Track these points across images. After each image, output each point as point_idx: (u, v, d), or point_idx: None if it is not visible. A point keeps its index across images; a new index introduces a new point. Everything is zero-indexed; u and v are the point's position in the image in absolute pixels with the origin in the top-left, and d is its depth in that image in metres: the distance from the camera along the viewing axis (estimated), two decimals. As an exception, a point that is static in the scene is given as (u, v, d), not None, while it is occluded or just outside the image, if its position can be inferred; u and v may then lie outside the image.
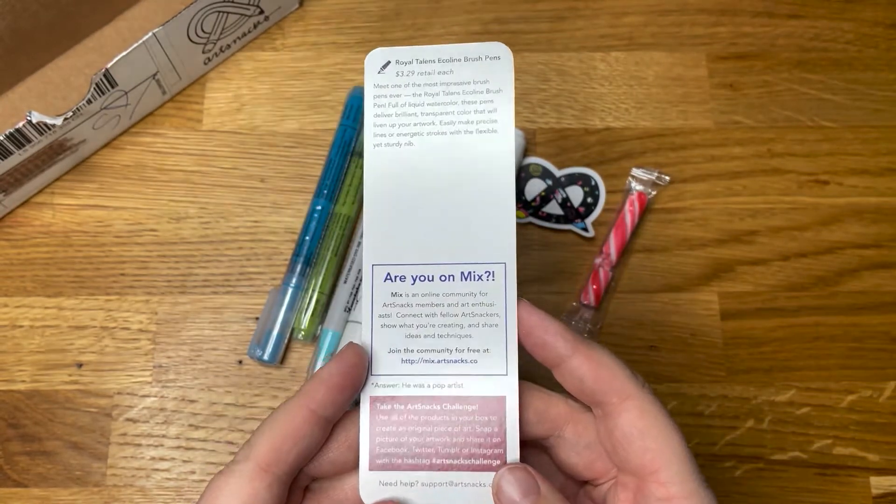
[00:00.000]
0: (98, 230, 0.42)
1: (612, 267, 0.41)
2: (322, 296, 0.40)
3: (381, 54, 0.30)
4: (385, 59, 0.30)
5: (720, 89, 0.46)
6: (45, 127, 0.38)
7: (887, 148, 0.45)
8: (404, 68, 0.30)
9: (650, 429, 0.26)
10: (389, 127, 0.29)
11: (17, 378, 0.40)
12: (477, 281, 0.29)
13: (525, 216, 0.42)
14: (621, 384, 0.27)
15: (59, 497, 0.39)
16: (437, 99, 0.30)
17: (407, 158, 0.29)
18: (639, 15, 0.47)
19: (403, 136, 0.29)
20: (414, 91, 0.30)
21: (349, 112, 0.43)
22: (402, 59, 0.30)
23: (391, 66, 0.30)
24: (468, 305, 0.28)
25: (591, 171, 0.43)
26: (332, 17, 0.46)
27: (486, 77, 0.29)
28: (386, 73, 0.30)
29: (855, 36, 0.47)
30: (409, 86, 0.30)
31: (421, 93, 0.30)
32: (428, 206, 0.29)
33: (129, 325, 0.41)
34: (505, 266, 0.28)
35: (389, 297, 0.29)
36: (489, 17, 0.46)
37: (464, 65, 0.30)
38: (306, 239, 0.41)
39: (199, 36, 0.42)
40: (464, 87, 0.29)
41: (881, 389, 0.41)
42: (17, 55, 0.43)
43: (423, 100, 0.30)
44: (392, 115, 0.29)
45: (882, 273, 0.43)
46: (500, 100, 0.29)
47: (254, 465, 0.25)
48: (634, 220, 0.42)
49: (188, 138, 0.44)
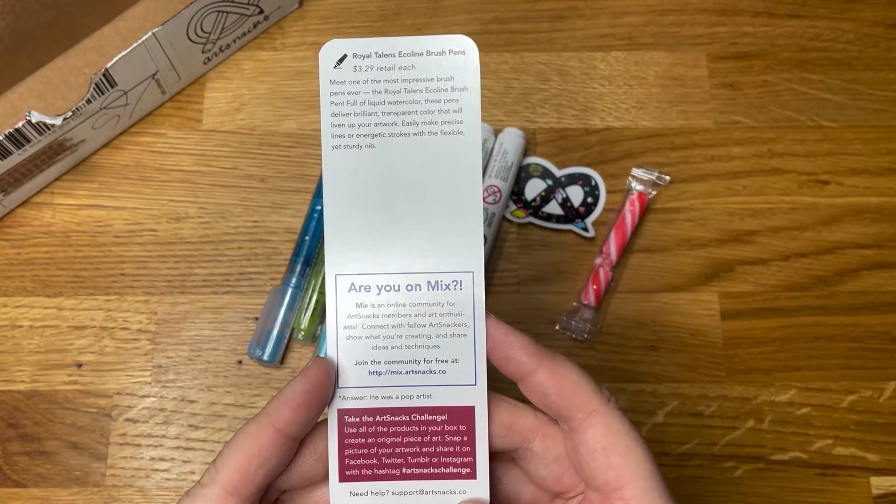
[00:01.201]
0: (98, 230, 0.42)
1: (613, 267, 0.41)
2: (322, 296, 0.40)
3: (336, 46, 0.27)
4: (341, 52, 0.28)
5: (720, 89, 0.46)
6: (44, 127, 0.38)
7: (887, 148, 0.45)
8: (362, 62, 0.27)
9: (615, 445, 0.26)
10: (348, 127, 0.28)
11: (16, 378, 0.40)
12: (444, 290, 0.28)
13: (525, 216, 0.42)
14: (586, 399, 0.26)
15: (59, 497, 0.39)
16: (399, 97, 0.27)
17: (368, 161, 0.27)
18: (639, 15, 0.47)
19: (363, 136, 0.28)
20: (374, 88, 0.28)
21: None
22: (360, 51, 0.27)
23: (348, 59, 0.28)
24: (435, 315, 0.28)
25: (591, 170, 0.43)
26: (332, 17, 0.46)
27: (451, 73, 0.27)
28: (342, 68, 0.28)
29: (855, 36, 0.47)
30: (368, 82, 0.28)
31: (381, 90, 0.28)
32: (391, 213, 0.28)
33: (128, 326, 0.41)
34: (472, 275, 0.28)
35: (354, 307, 0.27)
36: (489, 17, 0.46)
37: (427, 59, 0.27)
38: (306, 239, 0.41)
39: (198, 35, 0.42)
40: (427, 83, 0.27)
41: (881, 389, 0.41)
42: (17, 55, 0.43)
43: (384, 97, 0.28)
44: (350, 115, 0.28)
45: (882, 273, 0.43)
46: (465, 98, 0.27)
47: (220, 489, 0.25)
48: (635, 220, 0.42)
49: (188, 138, 0.44)
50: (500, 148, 0.42)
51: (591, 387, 0.26)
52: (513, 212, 0.42)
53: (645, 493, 0.25)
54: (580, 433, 0.26)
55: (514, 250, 0.43)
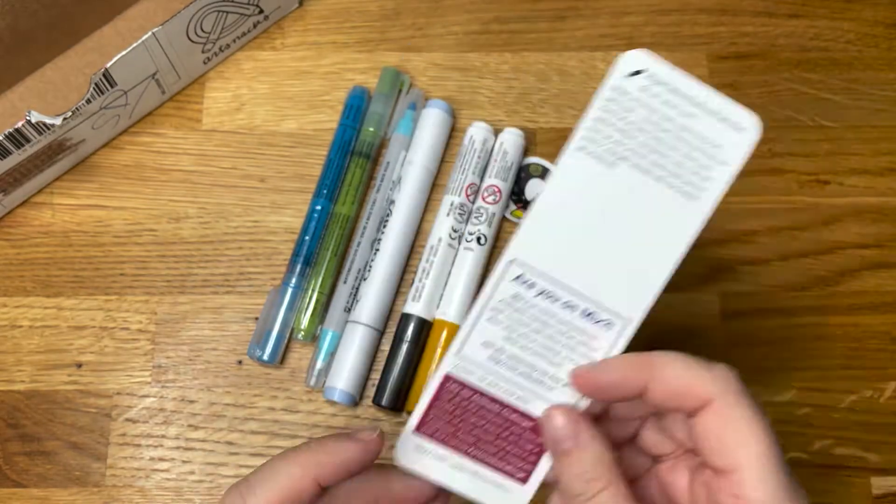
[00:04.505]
0: (97, 230, 0.42)
1: None
2: (322, 296, 0.40)
3: (639, 59, 0.27)
4: (640, 67, 0.27)
5: (721, 89, 0.45)
6: (44, 127, 0.38)
7: (888, 148, 0.45)
8: (652, 87, 0.27)
9: (727, 432, 0.26)
10: (603, 138, 0.27)
11: (16, 378, 0.40)
12: (594, 323, 0.28)
13: (521, 215, 0.42)
14: (699, 392, 0.26)
15: (59, 497, 0.39)
16: (664, 136, 0.27)
17: (602, 176, 0.27)
18: (639, 14, 0.47)
19: (611, 153, 0.27)
20: (648, 115, 0.27)
21: (349, 112, 0.43)
22: (656, 76, 0.27)
23: (641, 77, 0.27)
24: (574, 340, 0.28)
25: None
26: (332, 17, 0.46)
27: (722, 143, 0.27)
28: (632, 82, 0.27)
29: (855, 35, 0.47)
30: (647, 107, 0.27)
31: (654, 121, 0.27)
32: (594, 230, 0.28)
33: (128, 326, 0.41)
34: (626, 323, 0.28)
35: (510, 297, 0.28)
36: (489, 17, 0.46)
37: (710, 118, 0.27)
38: (306, 239, 0.41)
39: (198, 35, 0.42)
40: (695, 138, 0.27)
41: (882, 390, 0.41)
42: (17, 55, 0.43)
43: (651, 129, 0.27)
44: (612, 128, 0.27)
45: (882, 273, 0.43)
46: (720, 172, 0.27)
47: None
48: None
49: (188, 138, 0.44)
50: (499, 148, 0.42)
51: (702, 378, 0.26)
52: (513, 212, 0.42)
53: (759, 479, 0.25)
54: (695, 421, 0.26)
55: (514, 250, 0.43)
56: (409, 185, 0.42)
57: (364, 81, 0.45)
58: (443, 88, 0.45)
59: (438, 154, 0.43)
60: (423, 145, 0.42)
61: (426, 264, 0.40)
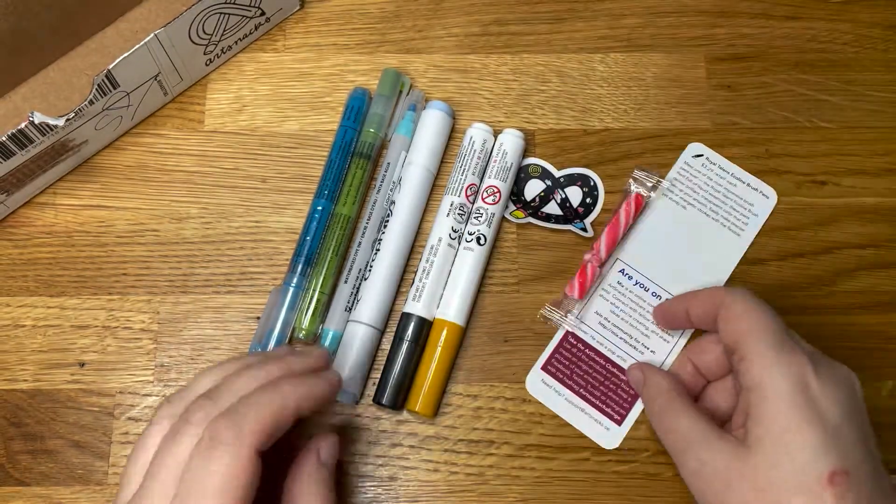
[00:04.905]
0: (100, 230, 0.43)
1: (601, 264, 0.42)
2: (323, 296, 0.41)
3: (700, 149, 0.44)
4: (701, 152, 0.44)
5: (718, 90, 0.46)
6: (47, 128, 0.38)
7: (884, 148, 0.45)
8: (710, 165, 0.44)
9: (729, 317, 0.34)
10: (679, 191, 0.43)
11: (19, 377, 0.40)
12: None
13: (524, 216, 0.43)
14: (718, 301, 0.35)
15: (61, 496, 0.39)
16: (718, 193, 0.43)
17: (677, 213, 0.43)
18: (637, 16, 0.47)
19: (683, 199, 0.43)
20: (706, 181, 0.44)
21: (349, 113, 0.44)
22: (711, 159, 0.44)
23: (702, 158, 0.44)
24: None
25: (589, 171, 0.44)
26: (333, 19, 0.47)
27: (753, 202, 0.43)
28: (696, 161, 0.44)
29: (853, 37, 0.47)
30: (706, 175, 0.44)
31: (711, 185, 0.43)
32: (672, 250, 0.42)
33: (131, 325, 0.41)
34: None
35: (616, 282, 0.42)
36: (489, 19, 0.47)
37: (745, 187, 0.43)
38: (307, 239, 0.41)
39: (200, 37, 0.42)
40: (737, 198, 0.43)
41: (879, 389, 0.42)
42: (20, 56, 0.43)
43: (709, 188, 0.43)
44: (685, 186, 0.43)
45: (879, 273, 0.43)
46: (753, 220, 0.43)
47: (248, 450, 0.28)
48: (629, 222, 0.42)
49: (190, 139, 0.44)
50: (499, 149, 0.43)
51: (720, 291, 0.36)
52: (512, 212, 0.43)
53: (756, 345, 0.33)
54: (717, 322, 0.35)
55: (514, 250, 0.43)
56: (409, 185, 0.42)
57: (365, 83, 0.45)
58: (442, 90, 0.45)
59: (439, 155, 0.43)
60: (423, 146, 0.43)
61: (426, 264, 0.41)
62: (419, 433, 0.40)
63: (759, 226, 0.43)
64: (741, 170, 0.43)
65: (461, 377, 0.41)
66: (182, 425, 0.29)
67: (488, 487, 0.39)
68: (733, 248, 0.42)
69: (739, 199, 0.43)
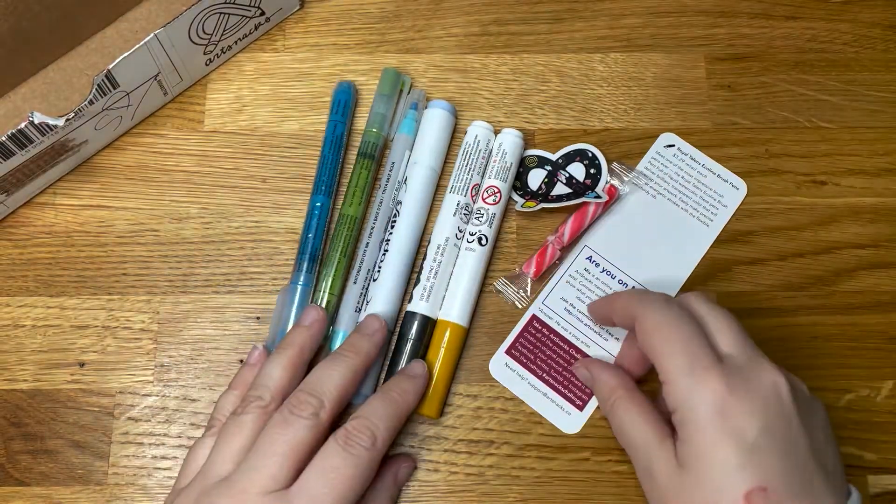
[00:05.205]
0: (100, 230, 0.43)
1: (562, 247, 0.42)
2: (332, 297, 0.41)
3: (672, 139, 0.44)
4: (672, 142, 0.44)
5: (718, 90, 0.46)
6: (47, 128, 0.38)
7: (884, 148, 0.45)
8: (682, 156, 0.44)
9: (647, 340, 0.34)
10: (649, 179, 0.43)
11: (19, 377, 0.40)
12: None
13: (536, 205, 0.42)
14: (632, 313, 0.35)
15: (61, 495, 0.39)
16: (688, 184, 0.43)
17: (647, 204, 0.43)
18: (637, 16, 0.47)
19: (653, 189, 0.43)
20: (677, 170, 0.44)
21: (337, 107, 0.43)
22: (684, 150, 0.44)
23: (673, 149, 0.44)
24: None
25: (585, 144, 0.44)
26: (333, 19, 0.47)
27: (723, 194, 0.43)
28: (668, 150, 0.44)
29: (852, 37, 0.47)
30: (676, 165, 0.44)
31: (681, 175, 0.43)
32: (640, 238, 0.43)
33: (130, 325, 0.41)
34: None
35: (583, 269, 0.42)
36: (488, 19, 0.47)
37: (715, 179, 0.44)
38: (309, 236, 0.41)
39: (200, 37, 0.42)
40: (706, 190, 0.43)
41: (878, 389, 0.42)
42: (20, 56, 0.43)
43: (680, 178, 0.43)
44: (655, 176, 0.44)
45: (879, 273, 0.43)
46: (722, 211, 0.43)
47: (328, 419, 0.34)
48: (597, 210, 0.42)
49: (190, 139, 0.44)
50: (499, 149, 0.43)
51: (633, 301, 0.35)
52: (524, 204, 0.42)
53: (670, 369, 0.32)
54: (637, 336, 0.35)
55: (514, 250, 0.43)
56: (414, 185, 0.42)
57: (365, 83, 0.45)
58: (442, 90, 0.45)
59: (443, 154, 0.43)
60: (427, 145, 0.43)
61: (434, 264, 0.41)
62: (419, 433, 0.40)
63: (728, 217, 0.43)
64: (712, 160, 0.44)
65: (462, 377, 0.41)
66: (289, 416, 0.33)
67: (488, 487, 0.39)
68: (701, 239, 0.43)
69: (709, 190, 0.43)
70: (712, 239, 0.43)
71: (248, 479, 0.31)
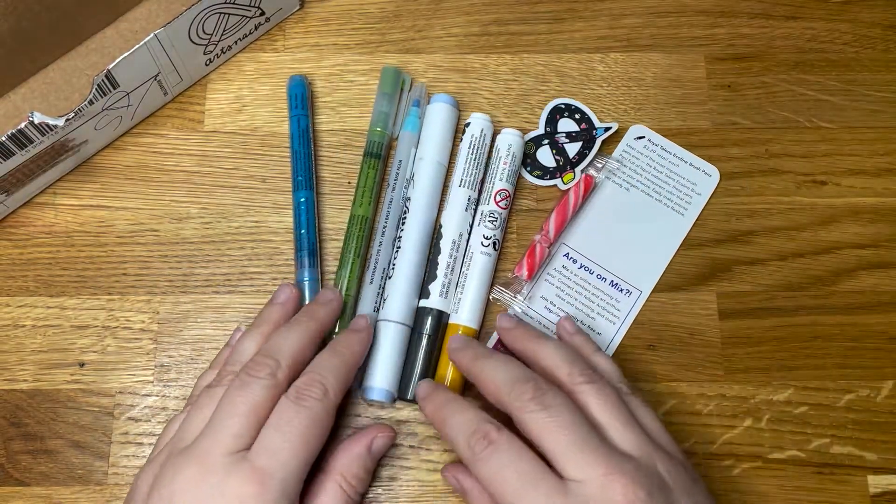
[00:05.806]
0: (100, 230, 0.43)
1: (550, 244, 0.42)
2: (349, 297, 0.40)
3: (641, 131, 0.44)
4: (642, 134, 0.44)
5: (718, 90, 0.46)
6: (47, 128, 0.38)
7: (884, 148, 0.45)
8: (652, 147, 0.44)
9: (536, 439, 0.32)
10: (622, 173, 0.43)
11: (19, 377, 0.40)
12: (618, 290, 0.42)
13: (573, 176, 0.43)
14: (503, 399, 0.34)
15: (61, 495, 0.39)
16: (661, 175, 0.43)
17: (621, 196, 0.43)
18: (637, 16, 0.47)
19: (628, 181, 0.44)
20: (649, 162, 0.44)
21: (295, 101, 0.43)
22: (654, 141, 0.44)
23: (644, 140, 0.43)
24: (604, 301, 0.42)
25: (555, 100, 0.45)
26: (333, 19, 0.47)
27: (697, 182, 0.44)
28: (638, 143, 0.43)
29: (852, 37, 0.47)
30: (649, 157, 0.44)
31: (654, 166, 0.43)
32: (616, 232, 0.43)
33: (130, 325, 0.41)
34: (641, 293, 0.42)
35: (562, 266, 0.42)
36: (488, 19, 0.47)
37: (688, 167, 0.44)
38: (302, 232, 0.41)
39: (200, 37, 0.42)
40: (679, 179, 0.43)
41: (878, 388, 0.42)
42: (20, 56, 0.43)
43: (652, 169, 0.44)
44: (628, 168, 0.43)
45: (879, 273, 0.43)
46: (696, 199, 0.43)
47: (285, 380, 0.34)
48: (577, 202, 0.42)
49: (190, 139, 0.44)
50: (507, 150, 0.42)
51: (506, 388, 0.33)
52: (564, 178, 0.43)
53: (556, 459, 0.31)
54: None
55: (514, 250, 0.43)
56: (423, 181, 0.42)
57: (365, 83, 0.45)
58: (443, 90, 0.45)
59: (448, 148, 0.43)
60: (432, 141, 0.43)
61: (450, 259, 0.41)
62: (419, 433, 0.40)
63: (703, 205, 0.43)
64: (683, 150, 0.44)
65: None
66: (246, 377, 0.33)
67: (488, 487, 0.39)
68: (677, 228, 0.43)
69: (682, 179, 0.43)
70: (688, 227, 0.43)
71: (210, 441, 0.32)
